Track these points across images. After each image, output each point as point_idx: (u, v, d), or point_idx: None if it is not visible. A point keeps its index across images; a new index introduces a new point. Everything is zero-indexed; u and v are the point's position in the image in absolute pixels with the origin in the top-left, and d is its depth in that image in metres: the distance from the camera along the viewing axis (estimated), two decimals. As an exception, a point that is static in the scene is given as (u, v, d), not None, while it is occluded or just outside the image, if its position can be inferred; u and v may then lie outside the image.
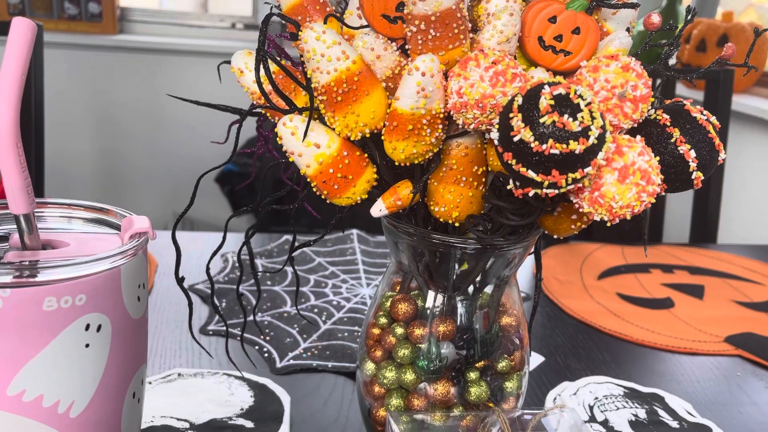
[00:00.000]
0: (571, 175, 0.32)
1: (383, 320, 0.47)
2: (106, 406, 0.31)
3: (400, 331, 0.45)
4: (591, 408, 0.58)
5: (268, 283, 0.78)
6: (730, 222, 1.76)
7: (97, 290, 0.29)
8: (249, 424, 0.51)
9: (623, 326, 0.74)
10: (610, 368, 0.66)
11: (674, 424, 0.56)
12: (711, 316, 0.78)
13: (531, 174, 0.33)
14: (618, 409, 0.58)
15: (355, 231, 0.95)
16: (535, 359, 0.66)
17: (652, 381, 0.64)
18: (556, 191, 0.33)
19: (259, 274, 0.80)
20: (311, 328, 0.69)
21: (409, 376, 0.44)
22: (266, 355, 0.63)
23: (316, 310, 0.73)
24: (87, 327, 0.29)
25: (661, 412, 0.58)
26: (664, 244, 1.03)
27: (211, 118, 1.62)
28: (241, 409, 0.53)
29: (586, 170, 0.32)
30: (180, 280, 0.41)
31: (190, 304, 0.42)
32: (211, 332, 0.66)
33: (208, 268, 0.43)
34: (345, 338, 0.67)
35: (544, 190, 0.33)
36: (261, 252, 0.86)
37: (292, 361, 0.62)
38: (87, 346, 0.29)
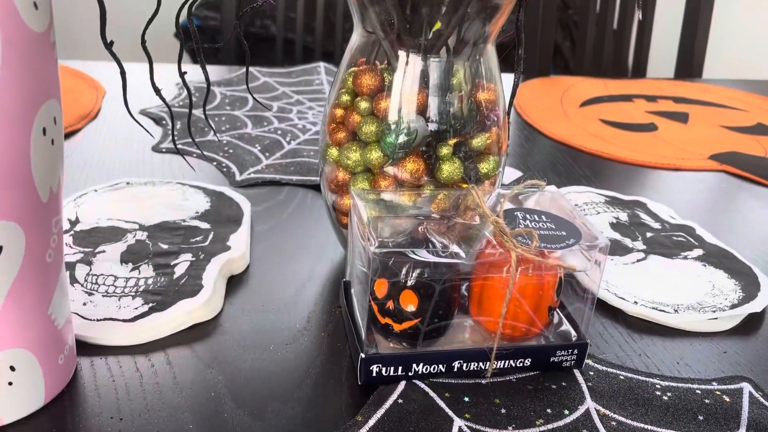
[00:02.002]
0: None
1: (346, 97, 0.42)
2: (7, 136, 0.26)
3: (364, 105, 0.40)
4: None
5: (228, 108, 0.72)
6: (716, 60, 1.70)
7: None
8: (204, 225, 0.47)
9: (605, 146, 0.71)
10: (591, 182, 0.63)
11: (656, 225, 0.54)
12: (696, 138, 0.75)
13: None
14: (599, 213, 0.55)
15: (322, 64, 0.89)
16: (512, 174, 0.63)
17: (634, 192, 0.61)
18: None
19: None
20: (274, 146, 0.64)
21: (375, 154, 0.40)
22: (225, 169, 0.59)
23: (279, 132, 0.68)
24: (-36, 19, 0.23)
25: (643, 215, 0.55)
26: (648, 78, 0.98)
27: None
28: (196, 212, 0.49)
29: None
30: (108, 43, 0.35)
31: (123, 72, 0.37)
32: (164, 150, 0.61)
33: (150, 62, 0.37)
34: (312, 156, 0.63)
35: None
36: (220, 81, 0.80)
37: (253, 175, 0.58)
38: (-31, 46, 0.23)
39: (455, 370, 0.36)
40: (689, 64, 1.02)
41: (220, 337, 0.39)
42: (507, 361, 0.37)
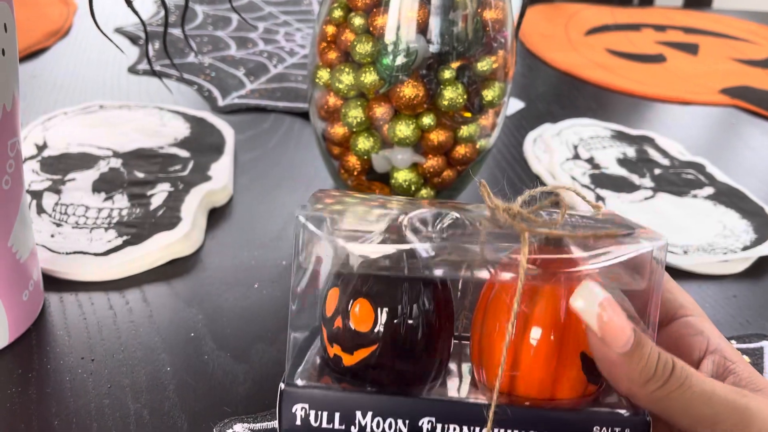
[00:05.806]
0: None
1: (338, 13, 0.37)
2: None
3: (359, 22, 0.36)
4: (575, 147, 0.52)
5: (210, 28, 0.67)
6: None
7: None
8: (184, 154, 0.44)
9: (611, 78, 0.67)
10: (597, 115, 0.59)
11: (665, 161, 0.51)
12: (706, 71, 0.71)
13: None
14: (605, 148, 0.52)
15: (312, -17, 0.83)
16: (515, 105, 0.59)
17: (641, 127, 0.58)
18: None
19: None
20: (260, 70, 0.60)
21: (370, 77, 0.36)
22: (206, 94, 0.55)
23: (265, 55, 0.63)
24: None
25: (651, 151, 0.52)
26: (656, 6, 0.93)
27: None
28: (175, 139, 0.45)
29: None
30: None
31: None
32: (141, 71, 0.57)
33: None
34: (300, 82, 0.59)
35: None
36: (202, -1, 0.74)
37: (237, 100, 0.54)
38: None
39: None
40: (700, -8, 0.97)
41: (201, 273, 0.36)
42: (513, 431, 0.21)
